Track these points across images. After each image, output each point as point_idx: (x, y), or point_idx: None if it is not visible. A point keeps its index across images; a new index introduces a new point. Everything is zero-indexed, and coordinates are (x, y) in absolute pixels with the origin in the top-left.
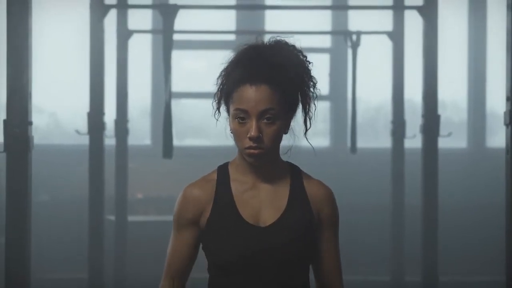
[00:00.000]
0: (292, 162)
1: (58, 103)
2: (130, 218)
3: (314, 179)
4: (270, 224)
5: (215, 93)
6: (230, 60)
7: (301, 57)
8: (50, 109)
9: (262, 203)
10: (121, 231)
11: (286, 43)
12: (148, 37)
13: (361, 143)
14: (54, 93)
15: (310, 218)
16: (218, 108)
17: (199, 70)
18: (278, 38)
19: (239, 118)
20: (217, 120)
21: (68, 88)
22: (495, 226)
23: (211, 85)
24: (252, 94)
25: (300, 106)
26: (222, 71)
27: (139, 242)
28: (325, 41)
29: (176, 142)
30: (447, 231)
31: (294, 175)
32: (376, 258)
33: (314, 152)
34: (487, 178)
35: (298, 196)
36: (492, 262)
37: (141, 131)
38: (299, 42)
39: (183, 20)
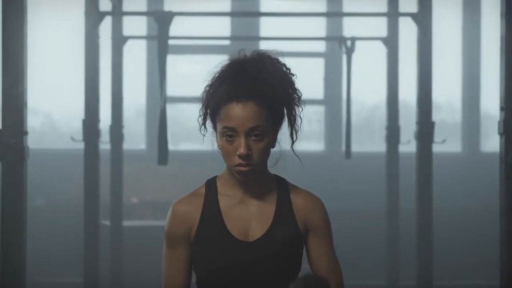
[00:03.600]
0: (286, 166)
1: (54, 107)
2: (125, 223)
3: (301, 190)
4: (257, 238)
5: (200, 109)
6: (214, 76)
7: (285, 69)
8: (45, 110)
9: (250, 218)
10: (117, 236)
11: (269, 57)
12: (143, 43)
13: (355, 148)
14: (50, 98)
15: (296, 230)
16: (204, 124)
17: (194, 74)
18: (261, 51)
19: (227, 136)
20: (203, 135)
21: (64, 93)
22: (489, 230)
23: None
24: (239, 112)
25: (286, 119)
26: (207, 86)
27: (134, 247)
28: (320, 46)
29: (171, 146)
30: (442, 235)
31: (281, 188)
32: (371, 262)
33: (302, 163)
34: (481, 182)
35: (284, 209)
36: (487, 266)
37: (136, 135)
38: (285, 48)
39: (178, 26)
